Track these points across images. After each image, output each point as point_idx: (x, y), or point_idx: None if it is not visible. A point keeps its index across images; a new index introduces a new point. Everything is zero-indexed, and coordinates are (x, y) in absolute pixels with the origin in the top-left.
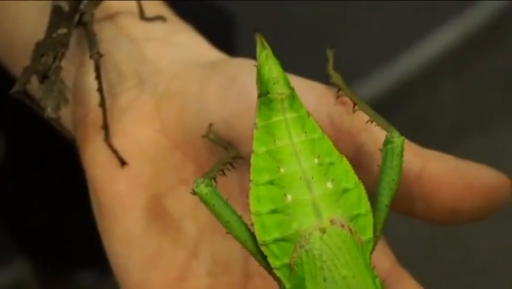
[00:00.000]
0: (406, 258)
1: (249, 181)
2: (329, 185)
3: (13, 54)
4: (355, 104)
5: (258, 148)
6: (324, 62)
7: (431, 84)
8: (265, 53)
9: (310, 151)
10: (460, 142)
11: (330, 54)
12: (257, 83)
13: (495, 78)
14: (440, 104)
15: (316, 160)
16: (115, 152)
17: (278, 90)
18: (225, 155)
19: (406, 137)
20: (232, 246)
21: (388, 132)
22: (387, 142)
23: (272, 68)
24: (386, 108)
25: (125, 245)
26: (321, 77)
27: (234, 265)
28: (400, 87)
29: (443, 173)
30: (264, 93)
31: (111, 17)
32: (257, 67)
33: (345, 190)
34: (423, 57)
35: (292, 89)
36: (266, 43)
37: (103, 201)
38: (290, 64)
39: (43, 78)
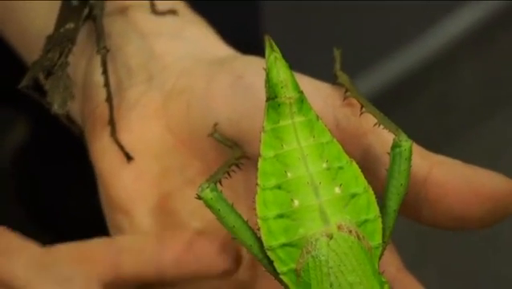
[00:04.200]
0: (431, 240)
1: (256, 185)
2: (337, 190)
3: (27, 45)
4: (362, 106)
5: (266, 152)
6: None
7: (450, 67)
8: (273, 56)
9: (318, 155)
10: (480, 124)
11: (337, 54)
12: (265, 86)
13: None
14: (459, 87)
15: (324, 165)
16: (121, 147)
17: (287, 94)
18: (231, 153)
19: (427, 120)
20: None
21: (395, 135)
22: (395, 146)
23: (280, 71)
24: (405, 92)
25: None
26: (328, 72)
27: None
28: (419, 70)
29: (449, 179)
30: (272, 97)
31: (122, 11)
32: (265, 70)
33: (354, 195)
34: (442, 40)
35: (301, 92)
36: (275, 46)
37: (110, 195)
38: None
39: (48, 74)
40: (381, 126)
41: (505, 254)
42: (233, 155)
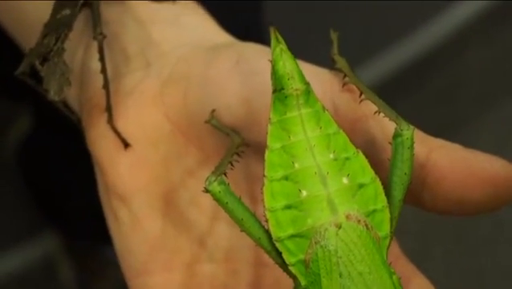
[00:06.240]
0: (436, 231)
1: (264, 176)
2: (344, 180)
3: (25, 33)
4: (361, 93)
5: (273, 143)
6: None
7: (457, 55)
8: (279, 48)
9: (325, 146)
10: (486, 113)
11: (334, 36)
12: (271, 78)
13: None
14: (466, 75)
15: (331, 156)
16: (117, 134)
17: (293, 86)
18: (227, 141)
19: (433, 109)
20: (237, 233)
21: (396, 123)
22: (396, 135)
23: (286, 63)
24: (410, 81)
25: (129, 227)
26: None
27: (239, 253)
28: (424, 58)
29: (448, 163)
30: (279, 89)
31: None
32: (271, 61)
33: (361, 185)
34: (449, 27)
35: (307, 84)
36: (280, 37)
37: (107, 182)
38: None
39: (44, 60)
40: (381, 114)
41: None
42: (232, 142)
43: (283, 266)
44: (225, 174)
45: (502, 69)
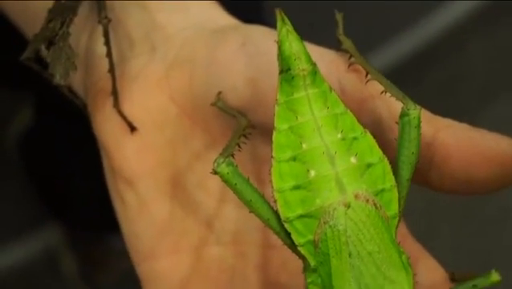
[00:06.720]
0: (443, 211)
1: (272, 157)
2: (353, 159)
3: (30, 20)
4: (367, 73)
5: (280, 124)
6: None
7: (459, 46)
8: (285, 29)
9: (332, 126)
10: (488, 105)
11: (339, 17)
12: (278, 59)
13: None
14: (467, 67)
15: (339, 135)
16: (124, 117)
17: (300, 66)
18: (234, 123)
19: (435, 101)
20: (245, 215)
21: (403, 103)
22: (403, 114)
23: (293, 44)
24: (414, 71)
25: (136, 210)
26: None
27: (246, 235)
28: (426, 49)
29: (455, 142)
30: (285, 69)
31: None
32: (277, 43)
33: (369, 165)
34: (450, 19)
35: (314, 64)
36: (286, 19)
37: (113, 166)
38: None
39: (49, 44)
40: (388, 94)
41: None
42: (239, 125)
43: (292, 246)
44: (232, 156)
45: (504, 62)
